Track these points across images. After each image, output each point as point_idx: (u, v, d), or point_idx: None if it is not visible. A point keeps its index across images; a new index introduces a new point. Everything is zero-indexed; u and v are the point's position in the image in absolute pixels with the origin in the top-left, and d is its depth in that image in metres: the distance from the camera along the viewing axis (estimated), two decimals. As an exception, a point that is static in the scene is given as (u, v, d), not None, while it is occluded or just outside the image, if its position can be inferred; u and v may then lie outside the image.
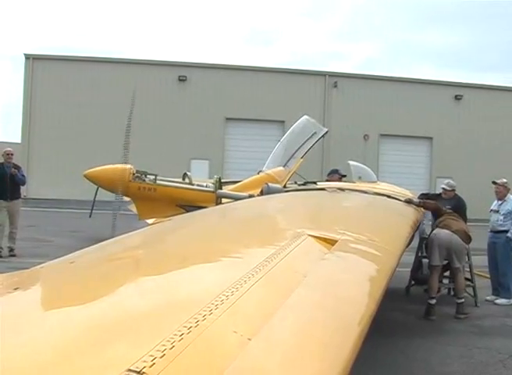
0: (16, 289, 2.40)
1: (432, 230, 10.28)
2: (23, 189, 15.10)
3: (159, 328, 1.78)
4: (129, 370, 1.44)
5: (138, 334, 1.77)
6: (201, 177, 19.95)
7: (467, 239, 9.88)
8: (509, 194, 11.16)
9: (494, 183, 11.30)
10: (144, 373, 1.44)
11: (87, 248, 3.53)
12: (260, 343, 1.84)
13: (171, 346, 1.61)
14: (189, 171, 16.81)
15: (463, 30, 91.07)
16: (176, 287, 2.49)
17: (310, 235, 3.70)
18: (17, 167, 13.93)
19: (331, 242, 3.67)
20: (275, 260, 2.86)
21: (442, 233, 9.85)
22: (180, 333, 1.70)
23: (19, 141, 36.08)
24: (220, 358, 1.68)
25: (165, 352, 1.56)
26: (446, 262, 10.02)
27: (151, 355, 1.53)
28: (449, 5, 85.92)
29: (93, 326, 1.85)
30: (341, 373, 1.93)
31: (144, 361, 1.49)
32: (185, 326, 1.76)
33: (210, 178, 16.71)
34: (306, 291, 2.59)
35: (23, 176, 14.16)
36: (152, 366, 1.48)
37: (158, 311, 2.01)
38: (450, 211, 10.38)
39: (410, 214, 8.32)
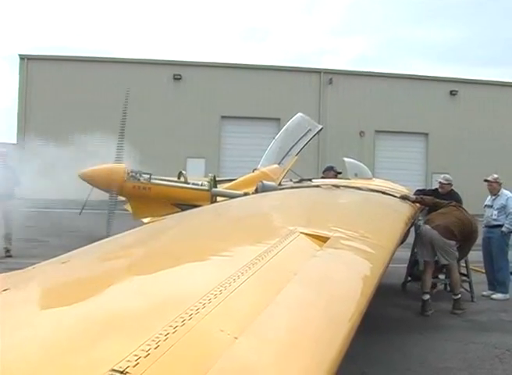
0: (5, 290, 2.39)
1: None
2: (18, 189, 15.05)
3: (146, 327, 1.77)
4: (113, 370, 1.44)
5: (124, 334, 1.77)
6: (197, 176, 19.93)
7: (450, 234, 9.64)
8: (502, 189, 11.19)
9: (486, 180, 11.33)
10: (127, 372, 1.43)
11: (80, 249, 3.52)
12: (247, 341, 1.84)
13: (156, 345, 1.61)
14: (185, 170, 16.81)
15: (458, 25, 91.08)
16: (164, 286, 2.48)
17: (302, 232, 3.70)
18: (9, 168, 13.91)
19: (323, 239, 3.67)
20: (265, 258, 2.85)
21: (423, 228, 9.84)
22: (166, 333, 1.70)
23: (14, 141, 36.05)
24: (206, 358, 1.68)
25: (149, 352, 1.56)
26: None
27: (136, 355, 1.53)
28: (443, 0, 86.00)
29: (80, 326, 1.85)
30: (329, 369, 1.93)
31: (128, 361, 1.49)
32: (171, 326, 1.75)
33: (206, 176, 16.70)
34: (295, 289, 2.59)
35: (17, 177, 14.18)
36: (136, 365, 1.48)
37: (146, 310, 2.01)
38: (450, 202, 10.26)
39: (405, 210, 8.32)
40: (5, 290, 2.39)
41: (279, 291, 2.42)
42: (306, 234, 3.69)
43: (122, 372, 1.43)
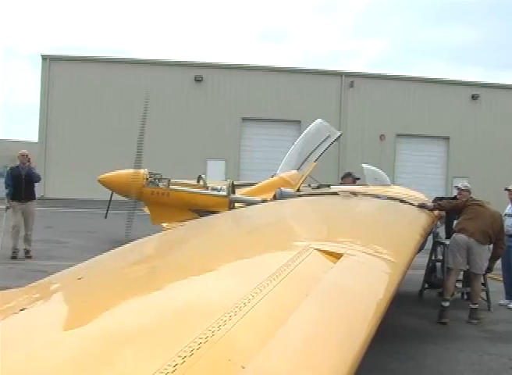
0: (22, 310, 2.41)
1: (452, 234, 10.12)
2: (40, 189, 15.21)
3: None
4: None
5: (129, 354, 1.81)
6: (218, 177, 20.03)
7: (486, 238, 9.66)
8: None
9: (507, 189, 11.20)
10: None
11: (96, 258, 3.55)
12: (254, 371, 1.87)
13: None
14: (205, 171, 16.93)
15: (479, 28, 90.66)
16: (174, 306, 2.49)
17: (316, 249, 3.73)
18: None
19: (337, 255, 3.70)
20: (278, 278, 2.88)
21: (458, 238, 9.67)
22: (174, 364, 1.74)
23: (36, 140, 36.38)
24: None
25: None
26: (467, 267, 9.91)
27: None
28: (465, 3, 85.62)
29: (96, 340, 1.90)
30: None
31: None
32: (179, 356, 1.79)
33: (226, 179, 16.78)
34: (308, 309, 2.62)
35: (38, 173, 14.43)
36: None
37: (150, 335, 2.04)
38: (467, 200, 10.19)
39: (423, 220, 8.27)
40: (21, 310, 2.41)
41: (292, 313, 2.46)
42: (320, 251, 3.72)
43: None
